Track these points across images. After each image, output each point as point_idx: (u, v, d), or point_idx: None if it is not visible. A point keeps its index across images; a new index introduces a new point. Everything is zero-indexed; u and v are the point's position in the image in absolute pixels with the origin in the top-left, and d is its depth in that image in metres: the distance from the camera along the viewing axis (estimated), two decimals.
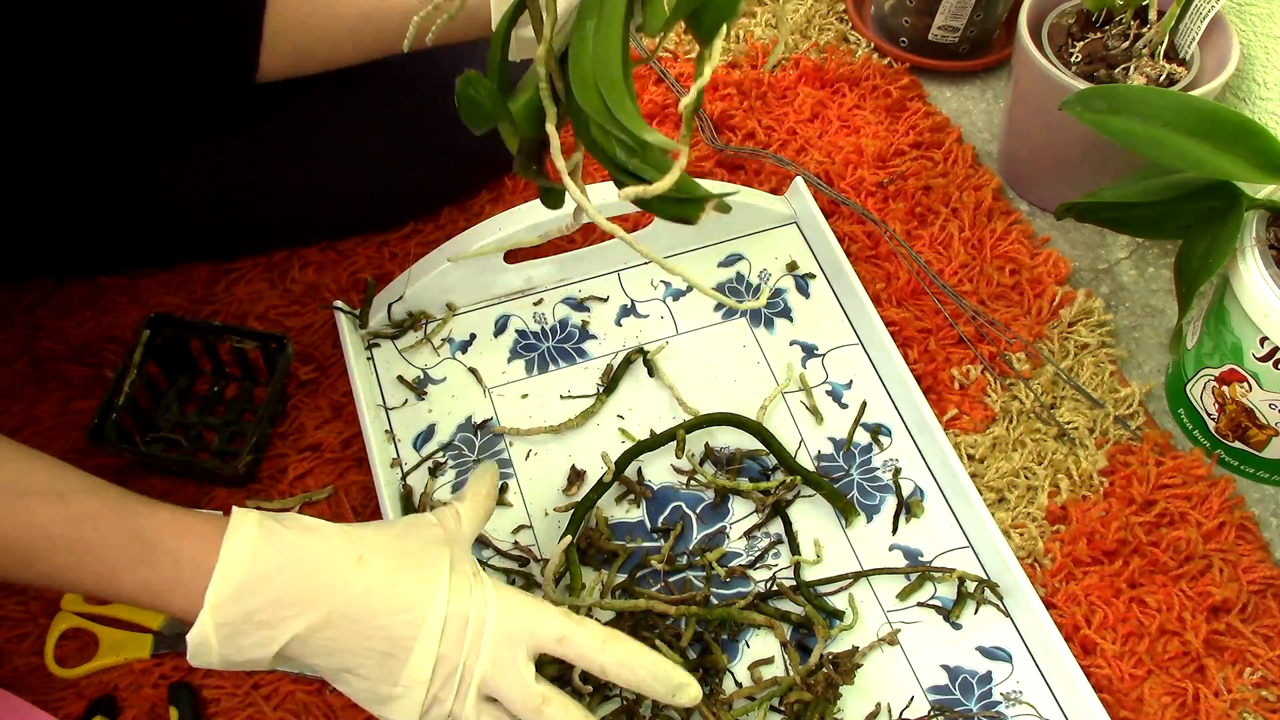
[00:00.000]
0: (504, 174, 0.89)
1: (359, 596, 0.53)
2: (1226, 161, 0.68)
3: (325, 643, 0.53)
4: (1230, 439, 0.76)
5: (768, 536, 0.72)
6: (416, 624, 0.53)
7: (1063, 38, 0.86)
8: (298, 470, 0.74)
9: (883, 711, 0.66)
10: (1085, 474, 0.76)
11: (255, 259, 0.83)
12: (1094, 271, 0.88)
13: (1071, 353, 0.82)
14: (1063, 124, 0.78)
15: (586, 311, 0.82)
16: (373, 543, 0.56)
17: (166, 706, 0.65)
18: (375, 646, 0.53)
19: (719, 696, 0.65)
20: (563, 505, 0.73)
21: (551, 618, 0.56)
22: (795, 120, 0.95)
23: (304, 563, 0.53)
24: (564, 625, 0.55)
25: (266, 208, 0.80)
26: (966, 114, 0.99)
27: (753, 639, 0.68)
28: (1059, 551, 0.72)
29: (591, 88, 0.43)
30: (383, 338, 0.79)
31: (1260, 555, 0.73)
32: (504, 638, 0.55)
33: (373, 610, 0.53)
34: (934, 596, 0.70)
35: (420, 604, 0.54)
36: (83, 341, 0.79)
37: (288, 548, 0.53)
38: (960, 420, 0.78)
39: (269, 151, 0.78)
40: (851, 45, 1.02)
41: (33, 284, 0.81)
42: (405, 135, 0.81)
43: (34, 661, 0.67)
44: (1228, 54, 0.82)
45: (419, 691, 0.53)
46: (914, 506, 0.73)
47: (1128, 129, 0.71)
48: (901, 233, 0.88)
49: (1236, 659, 0.69)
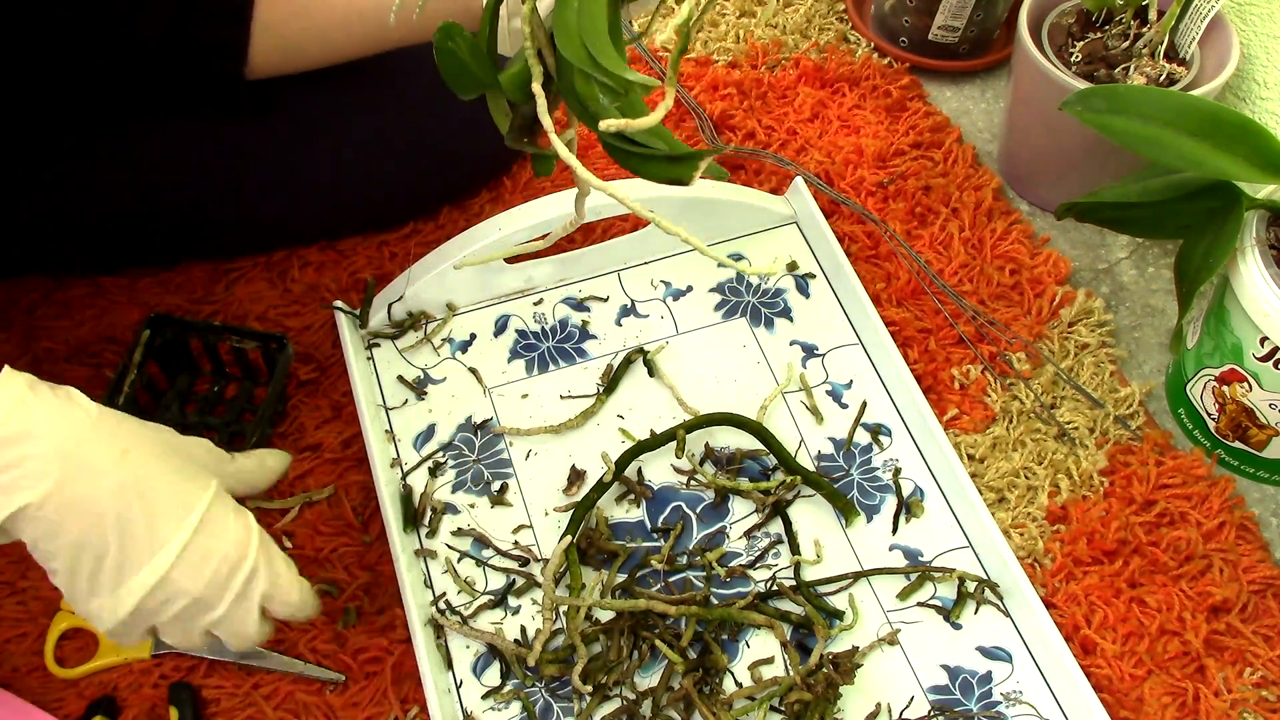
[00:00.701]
0: (504, 174, 0.89)
1: (110, 490, 0.51)
2: (1226, 161, 0.68)
3: (53, 525, 0.51)
4: (1230, 439, 0.76)
5: (768, 536, 0.72)
6: (156, 541, 0.52)
7: (1063, 38, 0.86)
8: (298, 470, 0.74)
9: (883, 711, 0.66)
10: (1085, 474, 0.76)
11: (255, 259, 0.83)
12: (1094, 271, 0.88)
13: (1071, 353, 0.82)
14: (1063, 124, 0.78)
15: (586, 311, 0.82)
16: (141, 441, 0.54)
17: (166, 706, 0.65)
18: (107, 545, 0.51)
19: (719, 696, 0.65)
20: (563, 505, 0.73)
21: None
22: (795, 120, 0.95)
23: (62, 434, 0.51)
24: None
25: (266, 207, 0.80)
26: (966, 114, 0.99)
27: (753, 639, 0.68)
28: (1059, 551, 0.72)
29: (575, 37, 0.43)
30: (383, 338, 0.79)
31: (1260, 555, 0.73)
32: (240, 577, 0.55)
33: (119, 509, 0.51)
34: (934, 596, 0.70)
35: (168, 519, 0.53)
36: (83, 341, 0.79)
37: (50, 413, 0.51)
38: (960, 420, 0.78)
39: (269, 151, 0.78)
40: (851, 45, 1.02)
41: (33, 284, 0.81)
42: (404, 135, 0.81)
43: (34, 661, 0.67)
44: (1228, 54, 0.82)
45: (130, 602, 0.52)
46: (914, 506, 0.73)
47: (1128, 129, 0.71)
48: (901, 233, 0.88)
49: (1236, 659, 0.69)
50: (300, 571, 0.70)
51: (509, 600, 0.69)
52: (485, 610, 0.68)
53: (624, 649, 0.66)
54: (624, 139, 0.46)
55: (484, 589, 0.69)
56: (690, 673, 0.65)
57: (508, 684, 0.66)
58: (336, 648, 0.68)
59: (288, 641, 0.68)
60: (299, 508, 0.72)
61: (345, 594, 0.69)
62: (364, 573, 0.70)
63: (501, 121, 0.52)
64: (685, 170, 0.46)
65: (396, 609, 0.69)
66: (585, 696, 0.65)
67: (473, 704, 0.65)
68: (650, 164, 0.46)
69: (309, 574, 0.70)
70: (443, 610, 0.68)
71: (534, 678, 0.66)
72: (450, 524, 0.72)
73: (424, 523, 0.71)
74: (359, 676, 0.67)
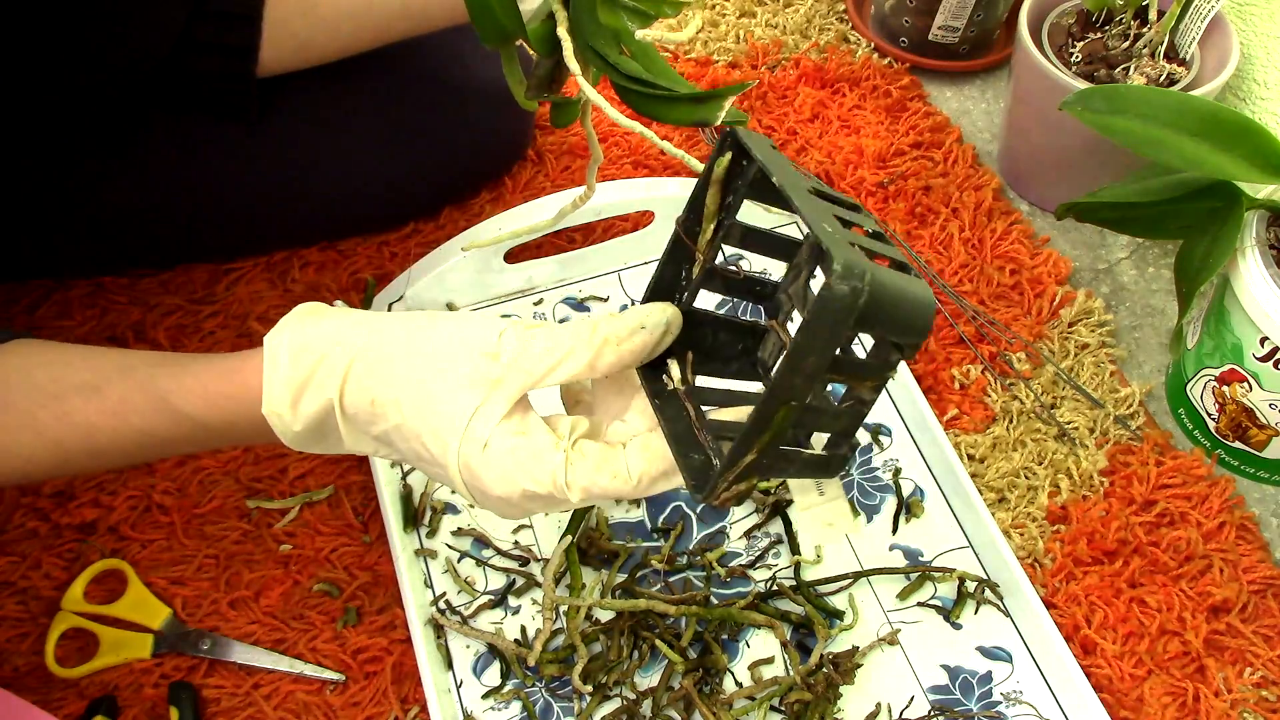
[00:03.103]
0: (504, 174, 0.89)
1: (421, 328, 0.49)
2: (1226, 161, 0.68)
3: (383, 366, 0.48)
4: (1230, 439, 0.76)
5: (768, 536, 0.72)
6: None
7: (1063, 38, 0.86)
8: (298, 470, 0.74)
9: (883, 711, 0.66)
10: (1085, 474, 0.76)
11: (255, 259, 0.83)
12: (1094, 271, 0.88)
13: (1071, 353, 0.82)
14: (1063, 124, 0.78)
15: (586, 311, 0.82)
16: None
17: (166, 706, 0.65)
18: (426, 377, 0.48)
19: (719, 696, 0.65)
20: None
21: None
22: (795, 120, 0.95)
23: (355, 317, 0.51)
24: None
25: (267, 207, 0.80)
26: (966, 114, 0.99)
27: (753, 639, 0.68)
28: (1059, 551, 0.72)
29: None
30: None
31: (1260, 555, 0.73)
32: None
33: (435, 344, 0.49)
34: (934, 596, 0.70)
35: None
36: (82, 342, 0.79)
37: (340, 317, 0.50)
38: (960, 420, 0.78)
39: (270, 151, 0.78)
40: (851, 45, 1.02)
41: (33, 284, 0.81)
42: (405, 135, 0.81)
43: (34, 661, 0.67)
44: (1228, 54, 0.82)
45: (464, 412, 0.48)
46: (914, 506, 0.73)
47: (1128, 129, 0.71)
48: (902, 233, 0.87)
49: (1236, 659, 0.69)
50: (300, 571, 0.70)
51: (509, 600, 0.69)
52: (485, 610, 0.69)
53: (624, 649, 0.66)
54: (644, 84, 0.45)
55: (484, 589, 0.69)
56: (690, 673, 0.65)
57: (508, 684, 0.66)
58: (336, 648, 0.68)
59: (288, 641, 0.68)
60: (299, 508, 0.72)
61: (345, 594, 0.69)
62: (364, 573, 0.70)
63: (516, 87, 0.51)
64: (709, 110, 0.45)
65: (396, 609, 0.69)
66: (585, 696, 0.65)
67: (473, 704, 0.65)
68: (673, 106, 0.46)
69: (309, 574, 0.70)
70: (443, 610, 0.68)
71: (534, 678, 0.66)
72: (450, 524, 0.72)
73: (424, 523, 0.71)
74: (359, 676, 0.67)
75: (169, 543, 0.71)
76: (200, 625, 0.68)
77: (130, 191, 0.76)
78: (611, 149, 0.91)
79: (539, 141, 0.91)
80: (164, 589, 0.69)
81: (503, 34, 0.49)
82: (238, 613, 0.69)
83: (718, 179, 0.47)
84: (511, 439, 0.47)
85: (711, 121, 0.45)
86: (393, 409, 0.48)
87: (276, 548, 0.71)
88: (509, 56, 0.51)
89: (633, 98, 0.47)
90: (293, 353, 0.49)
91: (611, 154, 0.91)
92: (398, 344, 0.49)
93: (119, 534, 0.71)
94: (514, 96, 0.53)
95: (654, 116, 0.47)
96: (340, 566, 0.70)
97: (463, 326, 0.49)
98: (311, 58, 0.72)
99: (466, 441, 0.47)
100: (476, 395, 0.47)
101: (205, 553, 0.71)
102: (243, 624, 0.68)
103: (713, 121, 0.45)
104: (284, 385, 0.49)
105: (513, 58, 0.52)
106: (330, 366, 0.49)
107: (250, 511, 0.72)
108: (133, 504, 0.72)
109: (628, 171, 0.91)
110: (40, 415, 0.52)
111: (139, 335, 0.79)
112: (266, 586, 0.70)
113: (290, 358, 0.49)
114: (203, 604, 0.69)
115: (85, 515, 0.71)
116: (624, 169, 0.91)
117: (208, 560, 0.71)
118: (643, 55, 0.47)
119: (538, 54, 0.50)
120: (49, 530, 0.71)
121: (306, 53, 0.71)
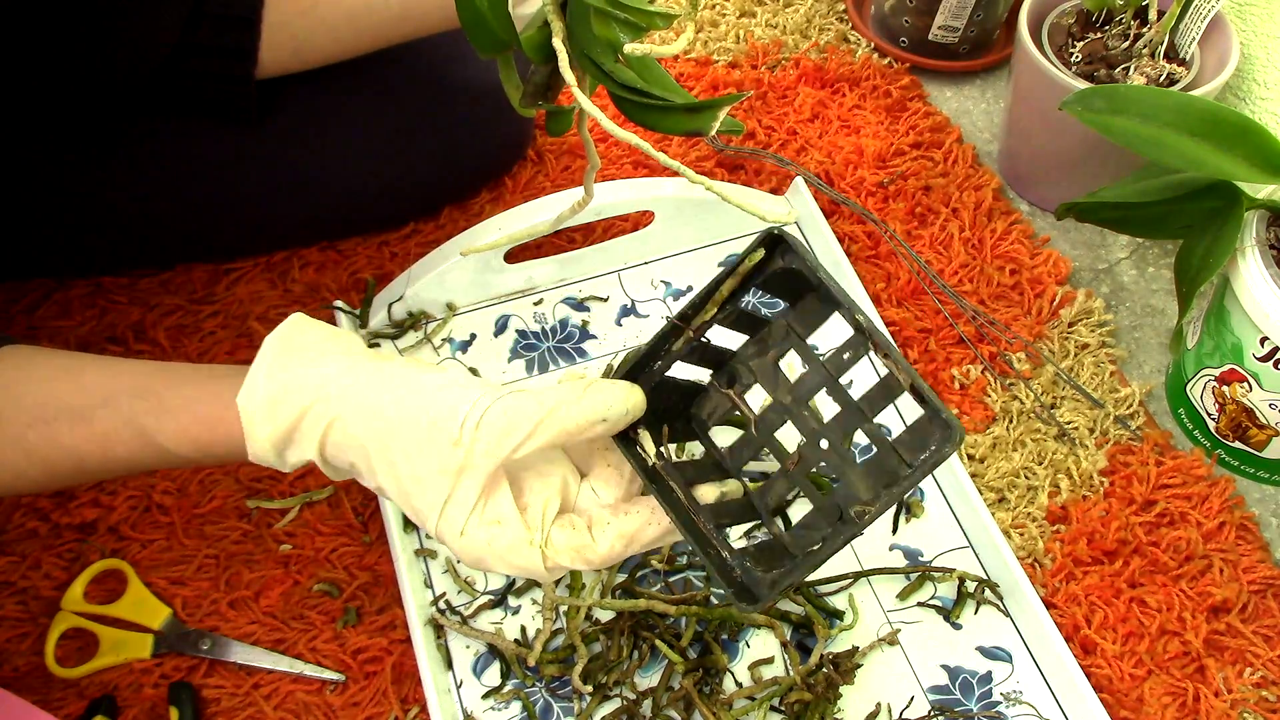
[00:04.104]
0: (504, 174, 0.89)
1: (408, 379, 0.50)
2: (1226, 161, 0.68)
3: (367, 401, 0.49)
4: (1230, 439, 0.76)
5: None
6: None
7: (1063, 38, 0.86)
8: (298, 470, 0.74)
9: (883, 711, 0.66)
10: (1085, 474, 0.76)
11: (255, 259, 0.83)
12: (1094, 271, 0.88)
13: (1071, 353, 0.82)
14: (1063, 124, 0.78)
15: (586, 311, 0.82)
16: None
17: (166, 706, 0.65)
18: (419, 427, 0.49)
19: (719, 696, 0.65)
20: None
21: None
22: (795, 120, 0.95)
23: (328, 370, 0.50)
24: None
25: (267, 207, 0.80)
26: (966, 114, 0.99)
27: (753, 639, 0.68)
28: (1059, 551, 0.72)
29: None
30: (383, 338, 0.79)
31: (1260, 555, 0.73)
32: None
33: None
34: (934, 596, 0.70)
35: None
36: (83, 341, 0.79)
37: (323, 336, 0.51)
38: (960, 420, 0.78)
39: (269, 151, 0.78)
40: (851, 45, 1.02)
41: (33, 283, 0.81)
42: (405, 135, 0.81)
43: (34, 661, 0.67)
44: (1228, 54, 0.82)
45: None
46: (914, 506, 0.73)
47: (1128, 129, 0.71)
48: (901, 233, 0.87)
49: (1236, 659, 0.69)
50: (300, 571, 0.70)
51: (509, 600, 0.69)
52: (485, 610, 0.69)
53: (624, 649, 0.66)
54: (640, 94, 0.45)
55: (484, 589, 0.69)
56: (690, 673, 0.65)
57: (508, 684, 0.66)
58: (336, 648, 0.68)
59: (288, 641, 0.68)
60: (299, 508, 0.72)
61: (345, 594, 0.69)
62: (364, 573, 0.70)
63: (513, 93, 0.52)
64: (704, 120, 0.46)
65: (396, 609, 0.69)
66: (585, 696, 0.65)
67: (473, 704, 0.65)
68: (668, 116, 0.46)
69: (309, 574, 0.70)
70: (443, 610, 0.68)
71: (534, 678, 0.66)
72: None
73: None
74: (359, 676, 0.67)
75: (169, 543, 0.71)
76: (200, 625, 0.68)
77: (130, 191, 0.76)
78: (612, 148, 0.91)
79: (539, 142, 0.91)
80: (164, 589, 0.69)
81: (496, 43, 0.49)
82: (238, 613, 0.69)
83: (744, 271, 0.49)
84: (486, 530, 0.49)
85: (706, 132, 0.46)
86: (370, 477, 0.50)
87: (276, 548, 0.71)
88: (506, 62, 0.51)
89: (628, 107, 0.47)
90: (269, 409, 0.49)
91: (611, 154, 0.91)
92: (371, 414, 0.49)
93: (119, 534, 0.71)
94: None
95: (649, 126, 0.47)
96: (340, 566, 0.70)
97: (431, 405, 0.49)
98: (310, 60, 0.72)
99: (443, 525, 0.49)
100: (445, 484, 0.48)
101: (205, 553, 0.71)
102: (243, 624, 0.68)
103: (707, 132, 0.46)
104: (266, 442, 0.50)
105: (509, 64, 0.52)
106: (308, 427, 0.50)
107: (250, 511, 0.72)
108: (133, 504, 0.72)
109: (627, 171, 0.91)
110: (29, 436, 0.52)
111: (139, 335, 0.79)
112: (266, 586, 0.70)
113: (266, 414, 0.49)
114: (203, 604, 0.69)
115: (85, 515, 0.71)
116: (624, 169, 0.91)
117: (208, 560, 0.71)
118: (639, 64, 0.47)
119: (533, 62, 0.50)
120: (49, 530, 0.71)
121: (305, 55, 0.71)
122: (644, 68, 0.47)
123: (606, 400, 0.49)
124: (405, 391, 0.49)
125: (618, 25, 0.45)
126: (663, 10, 0.43)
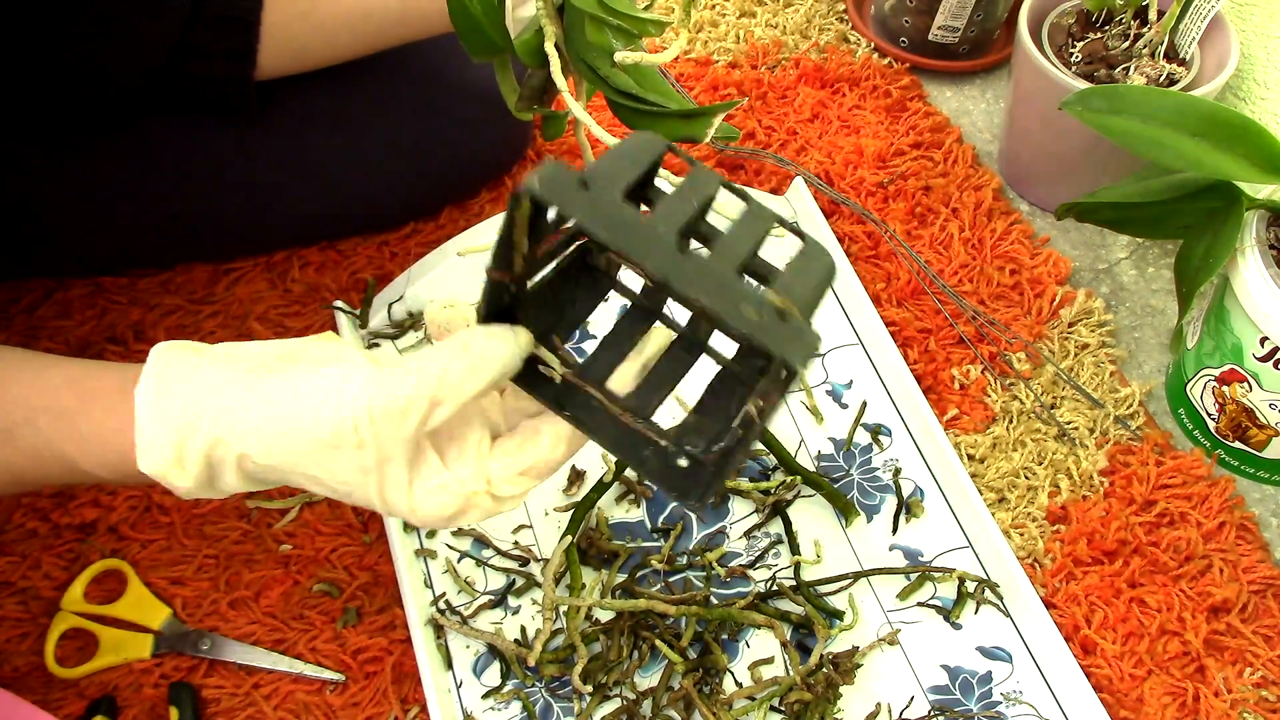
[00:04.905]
0: (504, 174, 0.89)
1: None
2: (1226, 161, 0.68)
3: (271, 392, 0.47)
4: (1230, 439, 0.76)
5: (768, 536, 0.72)
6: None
7: (1063, 38, 0.86)
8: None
9: (883, 711, 0.66)
10: (1085, 474, 0.76)
11: (255, 259, 0.83)
12: (1094, 271, 0.88)
13: (1071, 353, 0.82)
14: (1063, 124, 0.78)
15: None
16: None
17: (166, 706, 0.65)
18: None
19: (719, 696, 0.65)
20: (563, 505, 0.73)
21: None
22: (795, 120, 0.95)
23: (211, 381, 0.48)
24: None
25: (267, 207, 0.80)
26: (966, 114, 0.99)
27: (753, 639, 0.68)
28: (1059, 551, 0.72)
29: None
30: (383, 337, 0.79)
31: (1260, 555, 0.73)
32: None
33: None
34: (934, 596, 0.70)
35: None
36: (83, 341, 0.79)
37: (192, 366, 0.48)
38: (960, 420, 0.78)
39: (270, 152, 0.78)
40: (851, 45, 1.02)
41: (33, 283, 0.81)
42: (405, 135, 0.81)
43: (34, 661, 0.67)
44: (1228, 54, 0.82)
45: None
46: (914, 506, 0.73)
47: (1128, 129, 0.71)
48: (901, 233, 0.88)
49: (1236, 659, 0.69)
50: (300, 571, 0.70)
51: (509, 600, 0.69)
52: (485, 610, 0.69)
53: (624, 649, 0.66)
54: (635, 99, 0.46)
55: (484, 589, 0.69)
56: (690, 673, 0.65)
57: (508, 684, 0.66)
58: (336, 648, 0.68)
59: (288, 641, 0.68)
60: (299, 508, 0.72)
61: (345, 594, 0.69)
62: (364, 573, 0.70)
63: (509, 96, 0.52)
64: (698, 126, 0.46)
65: (396, 609, 0.69)
66: (585, 696, 0.65)
67: (473, 704, 0.65)
68: (663, 121, 0.46)
69: (309, 574, 0.70)
70: (443, 610, 0.68)
71: (534, 678, 0.66)
72: None
73: None
74: (359, 676, 0.67)
75: (169, 543, 0.71)
76: (200, 625, 0.68)
77: (130, 191, 0.76)
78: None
79: (539, 142, 0.91)
80: (164, 589, 0.69)
81: (490, 49, 0.49)
82: (237, 613, 0.69)
83: (521, 224, 0.44)
84: (433, 498, 0.48)
85: (700, 139, 0.46)
86: (307, 488, 0.49)
87: (276, 548, 0.71)
88: (502, 65, 0.51)
89: (623, 112, 0.47)
90: (175, 459, 0.48)
91: None
92: (271, 444, 0.47)
93: (119, 534, 0.71)
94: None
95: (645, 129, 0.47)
96: (340, 566, 0.70)
97: (321, 417, 0.47)
98: (310, 62, 0.72)
99: (392, 508, 0.48)
100: (373, 480, 0.47)
101: (205, 553, 0.71)
102: (243, 624, 0.68)
103: (701, 139, 0.46)
104: (185, 488, 0.49)
105: (506, 67, 0.52)
106: (218, 466, 0.48)
107: (250, 511, 0.72)
108: (133, 504, 0.72)
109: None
110: None
111: (139, 335, 0.79)
112: (266, 586, 0.70)
113: (174, 467, 0.48)
114: (202, 604, 0.69)
115: (85, 515, 0.71)
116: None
117: (207, 560, 0.71)
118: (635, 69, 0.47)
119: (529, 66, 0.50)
120: (49, 530, 0.71)
121: (304, 58, 0.72)
122: (640, 73, 0.47)
123: (488, 362, 0.46)
124: (290, 408, 0.47)
125: (610, 31, 0.45)
126: (655, 17, 0.43)
